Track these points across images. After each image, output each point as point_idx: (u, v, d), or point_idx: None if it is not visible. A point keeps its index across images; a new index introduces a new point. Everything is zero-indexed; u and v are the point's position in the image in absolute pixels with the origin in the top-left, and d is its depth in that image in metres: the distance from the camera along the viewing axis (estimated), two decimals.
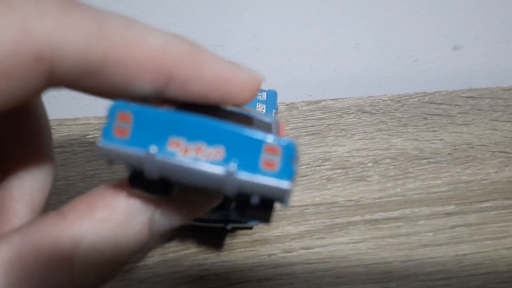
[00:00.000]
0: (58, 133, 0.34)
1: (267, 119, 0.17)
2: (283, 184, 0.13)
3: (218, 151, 0.13)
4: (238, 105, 0.16)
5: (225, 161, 0.13)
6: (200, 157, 0.13)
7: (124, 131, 0.13)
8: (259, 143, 0.13)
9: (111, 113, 0.13)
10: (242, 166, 0.13)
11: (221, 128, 0.13)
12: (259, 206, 0.13)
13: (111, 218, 0.14)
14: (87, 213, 0.14)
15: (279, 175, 0.13)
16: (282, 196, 0.13)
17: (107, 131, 0.13)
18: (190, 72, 0.14)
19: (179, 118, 0.13)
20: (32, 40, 0.12)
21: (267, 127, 0.16)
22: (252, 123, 0.16)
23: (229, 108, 0.16)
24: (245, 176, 0.13)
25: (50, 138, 0.18)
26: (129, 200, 0.14)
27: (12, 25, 0.12)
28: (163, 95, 0.15)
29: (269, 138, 0.13)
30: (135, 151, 0.13)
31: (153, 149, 0.13)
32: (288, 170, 0.13)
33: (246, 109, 0.17)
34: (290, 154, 0.13)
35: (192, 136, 0.13)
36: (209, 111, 0.16)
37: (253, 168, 0.13)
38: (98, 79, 0.14)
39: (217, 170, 0.13)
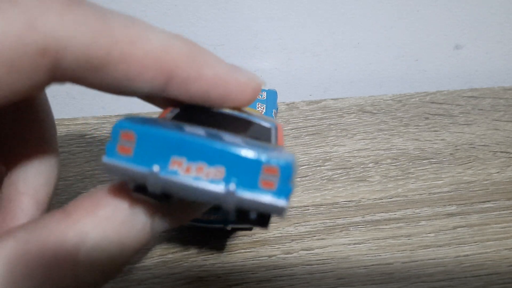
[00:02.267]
0: None
1: (266, 124, 0.17)
2: (280, 202, 0.13)
3: (218, 171, 0.13)
4: (238, 107, 0.16)
5: (225, 180, 0.13)
6: (201, 176, 0.13)
7: (127, 149, 0.14)
8: (258, 164, 0.13)
9: (115, 131, 0.14)
10: (242, 185, 0.13)
11: (221, 150, 0.13)
12: (257, 218, 0.14)
13: (115, 216, 0.14)
14: (91, 211, 0.14)
15: (276, 194, 0.13)
16: (279, 213, 0.13)
17: (110, 148, 0.14)
18: (190, 72, 0.15)
19: (181, 138, 0.13)
20: (37, 34, 0.12)
21: (266, 133, 0.17)
22: (252, 128, 0.17)
23: (230, 112, 0.17)
24: (244, 194, 0.13)
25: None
26: (131, 200, 0.15)
27: (17, 20, 0.12)
28: (164, 94, 0.15)
29: (268, 159, 0.13)
30: (138, 169, 0.13)
31: (156, 168, 0.13)
32: (285, 189, 0.13)
33: (246, 112, 0.17)
34: (288, 174, 0.13)
35: (193, 156, 0.13)
36: (210, 115, 0.16)
37: (252, 187, 0.13)
38: (100, 75, 0.14)
39: (218, 188, 0.13)
